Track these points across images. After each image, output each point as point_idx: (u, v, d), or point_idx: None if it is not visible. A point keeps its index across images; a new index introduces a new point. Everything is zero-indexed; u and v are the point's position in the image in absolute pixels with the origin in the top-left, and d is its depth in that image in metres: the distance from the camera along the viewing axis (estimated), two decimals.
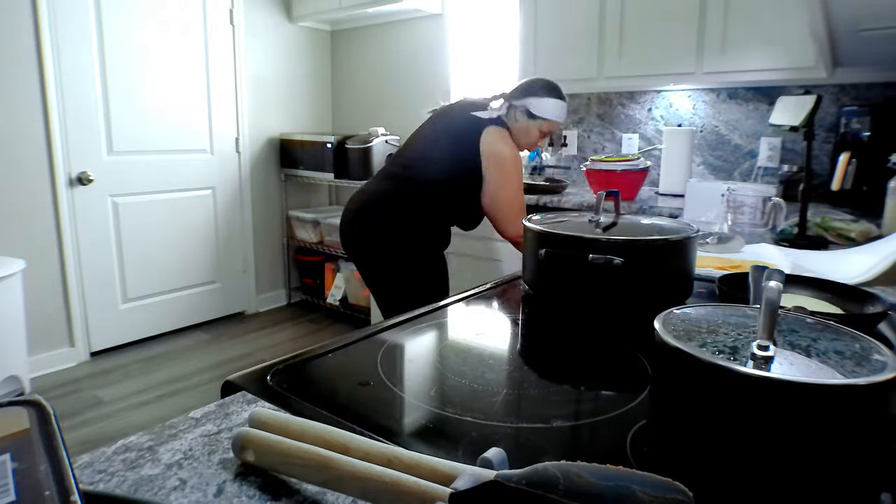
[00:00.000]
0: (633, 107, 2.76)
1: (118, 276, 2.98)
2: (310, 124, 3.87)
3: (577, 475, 0.30)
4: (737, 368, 0.36)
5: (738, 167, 2.50)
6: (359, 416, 0.51)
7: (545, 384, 0.58)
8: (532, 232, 0.86)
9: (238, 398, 0.54)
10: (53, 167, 2.66)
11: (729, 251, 1.16)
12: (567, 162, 2.98)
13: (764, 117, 2.40)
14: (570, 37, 2.54)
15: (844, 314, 0.72)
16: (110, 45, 2.81)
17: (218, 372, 2.77)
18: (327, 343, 0.69)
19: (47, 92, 2.61)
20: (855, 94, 2.19)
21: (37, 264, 2.63)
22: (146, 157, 3.03)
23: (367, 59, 3.71)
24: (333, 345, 0.68)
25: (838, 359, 0.39)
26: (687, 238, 0.80)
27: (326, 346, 0.68)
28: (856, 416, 0.35)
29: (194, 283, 3.32)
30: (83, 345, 2.86)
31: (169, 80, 3.07)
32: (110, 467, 0.42)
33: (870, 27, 1.20)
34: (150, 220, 3.07)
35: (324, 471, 0.37)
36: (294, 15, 3.60)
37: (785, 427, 0.35)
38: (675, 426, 0.41)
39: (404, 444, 0.41)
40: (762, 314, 0.39)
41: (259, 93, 3.53)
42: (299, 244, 3.67)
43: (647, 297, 0.79)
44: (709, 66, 2.20)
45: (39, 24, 2.55)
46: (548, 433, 0.49)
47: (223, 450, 0.45)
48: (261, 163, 3.59)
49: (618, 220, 0.90)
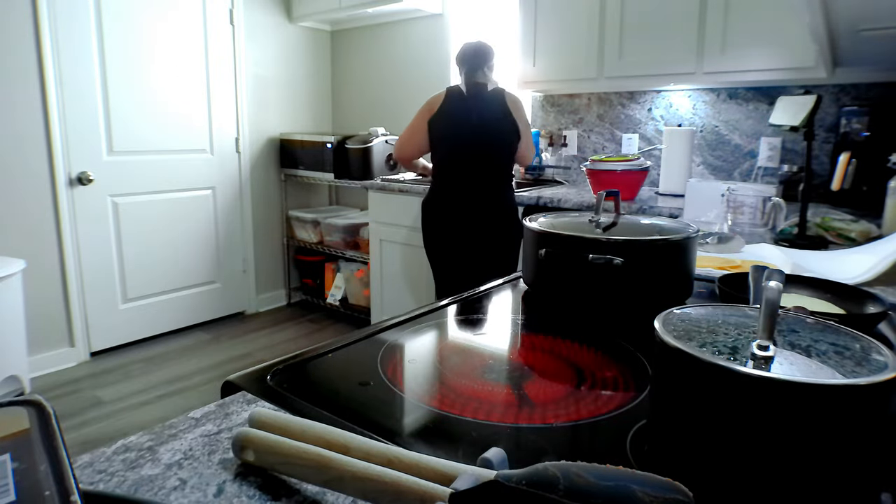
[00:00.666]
0: (633, 107, 2.76)
1: (118, 276, 2.98)
2: (310, 124, 3.87)
3: (577, 475, 0.30)
4: (737, 368, 0.36)
5: (738, 167, 2.50)
6: (359, 416, 0.51)
7: (545, 384, 0.58)
8: (532, 232, 0.86)
9: (238, 398, 0.54)
10: (53, 167, 2.66)
11: (729, 251, 1.16)
12: (567, 162, 2.98)
13: (764, 117, 2.40)
14: (570, 37, 2.54)
15: (844, 314, 0.72)
16: (110, 45, 2.81)
17: (218, 372, 2.77)
18: (327, 343, 0.69)
19: (47, 92, 2.61)
20: (855, 94, 2.19)
21: (37, 264, 2.63)
22: (146, 157, 3.03)
23: (367, 59, 3.71)
24: (333, 345, 0.68)
25: (838, 359, 0.39)
26: (687, 238, 0.80)
27: (326, 346, 0.68)
28: (856, 416, 0.35)
29: (194, 283, 3.32)
30: (83, 345, 2.86)
31: (169, 79, 3.07)
32: (110, 467, 0.42)
33: (870, 27, 1.20)
34: (150, 220, 3.07)
35: (324, 471, 0.37)
36: (294, 15, 3.60)
37: (785, 427, 0.35)
38: (676, 426, 0.41)
39: (404, 445, 0.41)
40: (762, 314, 0.39)
41: (259, 93, 3.53)
42: (299, 244, 3.67)
43: (647, 297, 0.79)
44: (709, 66, 2.20)
45: (39, 24, 2.55)
46: (548, 433, 0.49)
47: (223, 450, 0.45)
48: (261, 163, 3.59)
49: (618, 220, 0.90)
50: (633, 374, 0.60)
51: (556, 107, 3.01)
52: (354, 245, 3.37)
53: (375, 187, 2.85)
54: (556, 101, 3.01)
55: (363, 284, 3.34)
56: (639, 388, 0.56)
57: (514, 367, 0.63)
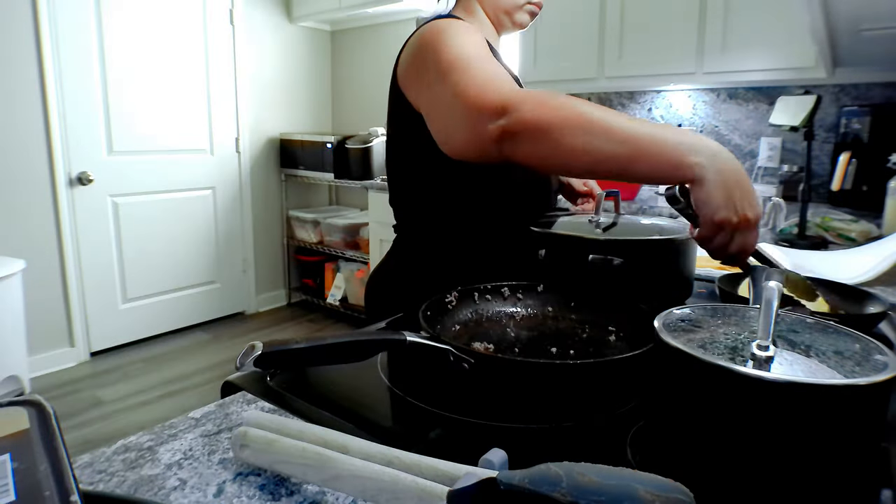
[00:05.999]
0: (633, 107, 2.76)
1: (118, 276, 2.98)
2: (310, 124, 3.86)
3: (580, 474, 0.30)
4: (737, 369, 0.36)
5: None
6: (359, 417, 0.51)
7: (545, 384, 0.58)
8: (532, 232, 0.86)
9: (238, 398, 0.54)
10: (53, 167, 2.66)
11: None
12: None
13: (764, 117, 2.40)
14: (570, 37, 2.54)
15: (844, 314, 0.72)
16: (110, 45, 2.81)
17: (218, 372, 2.77)
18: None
19: (47, 92, 2.60)
20: (855, 94, 2.19)
21: (37, 264, 2.63)
22: (146, 157, 3.03)
23: (367, 59, 3.71)
24: None
25: (838, 359, 0.39)
26: (687, 238, 0.80)
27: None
28: (856, 416, 0.35)
29: (194, 283, 3.32)
30: (83, 345, 2.86)
31: (169, 80, 3.07)
32: (110, 467, 0.42)
33: (870, 27, 1.20)
34: (150, 220, 3.07)
35: (323, 469, 0.37)
36: (294, 15, 3.60)
37: (785, 427, 0.35)
38: (676, 426, 0.41)
39: (404, 445, 0.41)
40: (762, 314, 0.39)
41: (259, 93, 3.53)
42: (299, 244, 3.67)
43: (647, 297, 0.79)
44: (709, 66, 2.20)
45: (39, 24, 2.55)
46: (548, 433, 0.49)
47: (223, 450, 0.45)
48: (261, 163, 3.59)
49: (618, 220, 0.90)
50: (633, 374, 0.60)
51: None
52: (354, 245, 3.37)
53: (375, 187, 2.85)
54: None
55: (363, 285, 3.33)
56: (639, 388, 0.56)
57: (513, 367, 0.63)
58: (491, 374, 0.52)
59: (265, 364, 0.45)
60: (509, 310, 0.72)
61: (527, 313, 0.72)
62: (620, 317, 0.67)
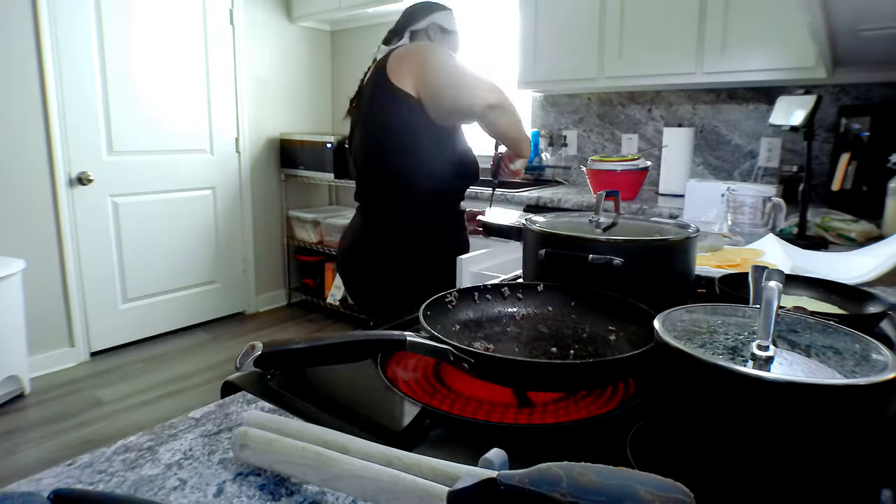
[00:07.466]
0: (633, 107, 2.76)
1: (118, 276, 2.98)
2: (310, 124, 3.86)
3: (580, 473, 0.30)
4: (737, 369, 0.36)
5: (738, 167, 2.50)
6: (359, 417, 0.51)
7: (545, 384, 0.58)
8: (532, 232, 0.86)
9: (238, 398, 0.54)
10: (53, 167, 2.66)
11: (710, 250, 1.15)
12: (567, 162, 2.98)
13: (764, 117, 2.40)
14: (570, 37, 2.54)
15: (844, 314, 0.72)
16: (110, 45, 2.81)
17: (218, 372, 2.77)
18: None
19: (47, 92, 2.61)
20: (855, 94, 2.19)
21: (37, 264, 2.63)
22: (146, 157, 3.03)
23: (368, 59, 3.69)
24: None
25: (838, 359, 0.39)
26: (687, 238, 0.80)
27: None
28: (856, 416, 0.35)
29: (194, 283, 3.32)
30: (83, 345, 2.86)
31: (169, 80, 3.07)
32: (110, 467, 0.42)
33: (870, 27, 1.20)
34: (150, 220, 3.07)
35: (323, 469, 0.37)
36: (294, 15, 3.60)
37: (785, 427, 0.35)
38: (675, 426, 0.41)
39: (404, 445, 0.41)
40: (762, 314, 0.39)
41: (259, 93, 3.53)
42: (299, 244, 3.67)
43: (647, 297, 0.79)
44: (709, 66, 2.20)
45: (39, 24, 2.55)
46: (548, 433, 0.49)
47: (223, 450, 0.45)
48: (261, 163, 3.59)
49: (618, 220, 0.90)
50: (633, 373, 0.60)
51: (556, 107, 3.01)
52: None
53: None
54: (556, 101, 3.01)
55: None
56: (639, 388, 0.56)
57: (513, 367, 0.63)
58: (491, 374, 0.51)
59: (265, 364, 0.45)
60: (509, 310, 0.72)
61: (527, 313, 0.72)
62: (620, 317, 0.67)
